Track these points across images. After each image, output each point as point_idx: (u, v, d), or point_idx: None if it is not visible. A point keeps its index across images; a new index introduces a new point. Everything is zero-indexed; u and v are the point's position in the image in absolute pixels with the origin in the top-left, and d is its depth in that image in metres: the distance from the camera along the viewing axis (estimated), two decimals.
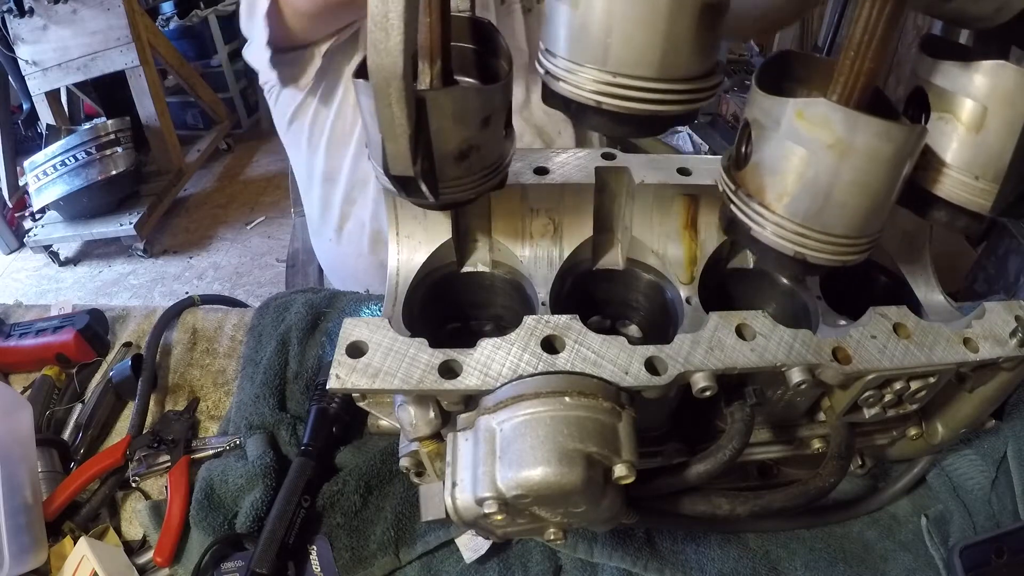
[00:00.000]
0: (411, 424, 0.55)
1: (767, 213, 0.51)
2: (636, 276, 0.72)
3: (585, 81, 0.46)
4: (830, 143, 0.46)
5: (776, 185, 0.50)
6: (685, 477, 0.57)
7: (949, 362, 0.56)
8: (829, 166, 0.46)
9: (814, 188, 0.48)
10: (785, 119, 0.47)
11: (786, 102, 0.47)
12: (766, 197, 0.50)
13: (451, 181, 0.51)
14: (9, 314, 1.08)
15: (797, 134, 0.47)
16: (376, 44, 0.40)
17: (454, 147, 0.50)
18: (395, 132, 0.44)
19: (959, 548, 0.69)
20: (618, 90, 0.46)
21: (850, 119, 0.45)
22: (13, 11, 3.08)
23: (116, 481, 0.83)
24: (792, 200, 0.49)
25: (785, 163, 0.48)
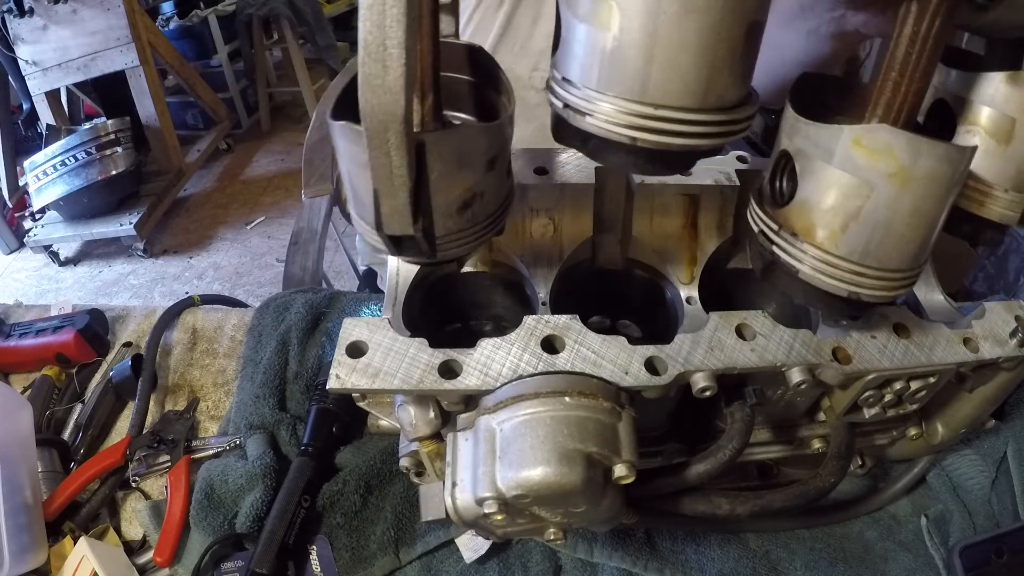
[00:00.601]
0: (411, 424, 0.55)
1: (817, 253, 0.47)
2: (636, 276, 0.72)
3: (618, 115, 0.40)
4: (892, 172, 0.42)
5: (828, 222, 0.46)
6: (685, 477, 0.57)
7: (949, 362, 0.56)
8: (890, 196, 0.43)
9: (872, 221, 0.44)
10: (839, 148, 0.43)
11: (840, 130, 0.43)
12: (816, 236, 0.46)
13: (451, 235, 0.46)
14: (9, 314, 1.08)
15: (854, 164, 0.43)
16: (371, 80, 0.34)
17: (456, 196, 0.44)
18: (393, 185, 0.38)
19: (959, 548, 0.69)
20: (658, 124, 0.40)
21: (913, 144, 0.42)
22: (13, 11, 3.09)
23: (116, 481, 0.83)
24: (847, 237, 0.45)
25: (839, 197, 0.45)
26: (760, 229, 0.51)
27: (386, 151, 0.37)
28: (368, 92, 0.34)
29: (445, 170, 0.41)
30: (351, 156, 0.41)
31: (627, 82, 0.40)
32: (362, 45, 0.34)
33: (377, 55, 0.33)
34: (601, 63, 0.40)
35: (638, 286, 0.72)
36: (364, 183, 0.40)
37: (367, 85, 0.34)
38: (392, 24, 0.33)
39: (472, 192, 0.45)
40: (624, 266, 0.72)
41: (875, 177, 0.43)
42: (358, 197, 0.44)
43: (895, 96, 0.43)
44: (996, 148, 0.49)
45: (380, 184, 0.39)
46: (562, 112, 0.43)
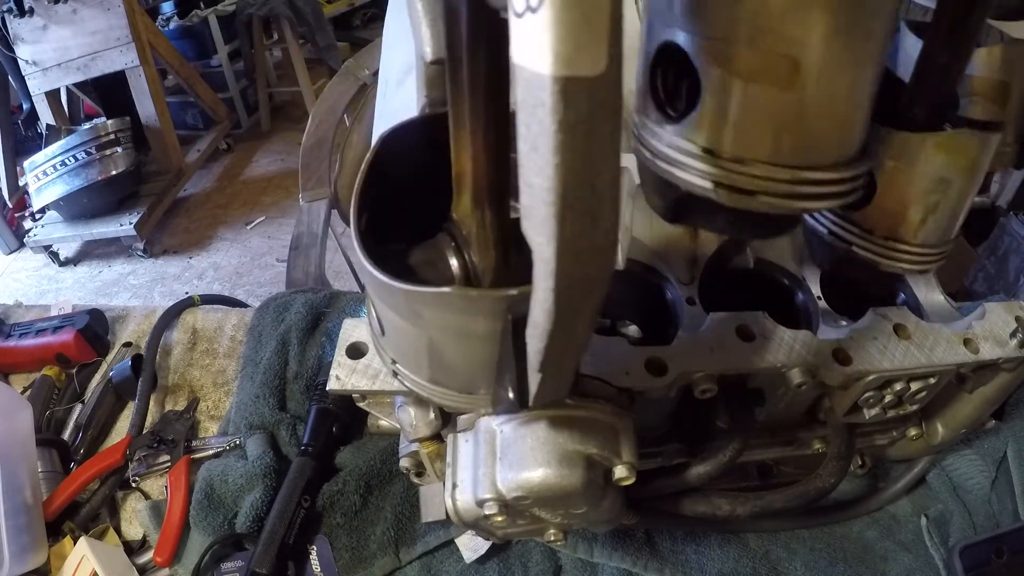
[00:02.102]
0: (411, 425, 0.55)
1: (900, 246, 0.52)
2: (636, 276, 0.72)
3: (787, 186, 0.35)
4: (967, 167, 0.47)
5: (911, 218, 0.50)
6: (685, 478, 0.57)
7: (949, 363, 0.56)
8: (963, 188, 0.48)
9: (947, 211, 0.50)
10: (923, 153, 0.48)
11: (924, 138, 0.47)
12: (898, 232, 0.51)
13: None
14: (9, 314, 1.08)
15: (935, 165, 0.48)
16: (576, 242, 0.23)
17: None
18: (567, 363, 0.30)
19: (959, 548, 0.69)
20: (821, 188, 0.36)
21: (985, 141, 0.47)
22: (13, 11, 3.08)
23: (116, 481, 0.83)
24: (926, 228, 0.51)
25: (923, 195, 0.49)
26: (830, 230, 0.55)
27: (573, 328, 0.26)
28: (571, 261, 0.23)
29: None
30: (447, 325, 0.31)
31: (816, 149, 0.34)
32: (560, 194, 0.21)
33: (584, 205, 0.22)
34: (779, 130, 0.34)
35: (638, 286, 0.72)
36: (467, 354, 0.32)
37: (569, 251, 0.23)
38: (604, 152, 0.21)
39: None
40: (624, 266, 0.72)
41: (952, 174, 0.48)
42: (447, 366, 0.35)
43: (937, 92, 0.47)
44: (996, 111, 0.53)
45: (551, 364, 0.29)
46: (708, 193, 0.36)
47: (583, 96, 0.20)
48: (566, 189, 0.21)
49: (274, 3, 3.82)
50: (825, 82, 0.32)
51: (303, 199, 1.53)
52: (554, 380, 0.30)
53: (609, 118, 0.21)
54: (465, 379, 0.35)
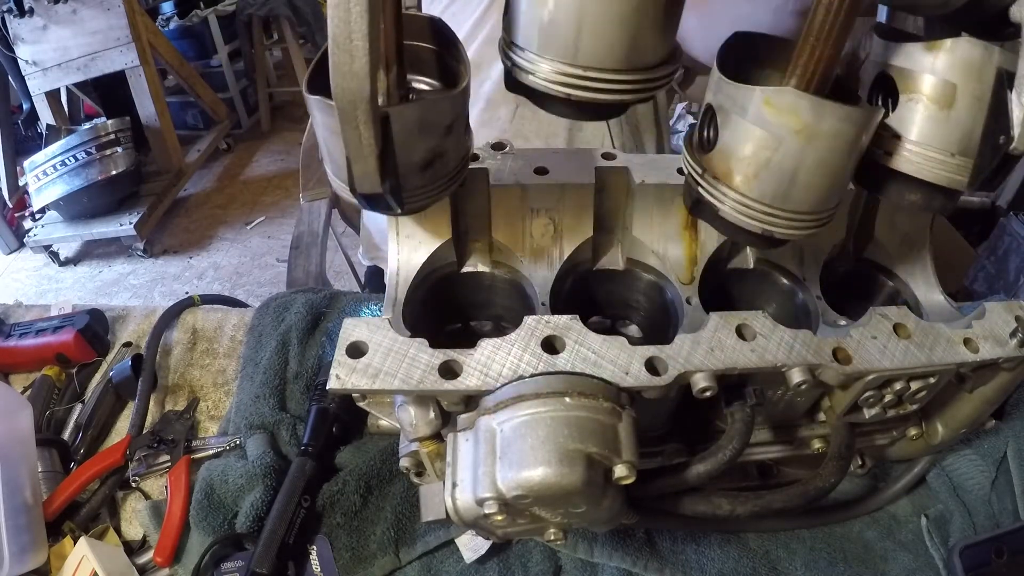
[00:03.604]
0: (411, 424, 0.55)
1: (734, 195, 0.52)
2: (636, 276, 0.72)
3: (554, 75, 0.47)
4: (797, 129, 0.47)
5: (743, 169, 0.51)
6: (685, 477, 0.57)
7: (949, 362, 0.56)
8: (795, 150, 0.48)
9: (780, 171, 0.50)
10: (752, 106, 0.48)
11: (753, 90, 0.48)
12: (733, 180, 0.52)
13: (416, 190, 0.52)
14: (9, 314, 1.08)
15: (764, 120, 0.48)
16: (340, 67, 0.39)
17: (419, 158, 0.50)
18: (363, 153, 0.44)
19: (959, 548, 0.69)
20: (587, 83, 0.47)
21: (816, 106, 0.47)
22: (13, 11, 3.09)
23: (116, 481, 0.83)
24: (759, 183, 0.51)
25: (752, 148, 0.50)
26: (689, 172, 0.57)
27: (355, 125, 0.42)
28: (338, 77, 0.39)
29: (407, 137, 0.47)
30: (326, 125, 0.47)
31: (560, 47, 0.47)
32: (331, 38, 0.39)
33: (344, 46, 0.39)
34: (540, 31, 0.47)
35: (638, 286, 0.72)
36: (338, 149, 0.45)
37: (337, 72, 0.39)
38: (356, 19, 0.38)
39: (433, 153, 0.51)
40: (624, 266, 0.72)
41: (783, 132, 0.48)
42: (333, 160, 0.50)
43: (810, 61, 0.47)
44: (939, 113, 0.51)
45: (351, 152, 0.44)
46: (511, 70, 0.51)
47: None
48: (333, 38, 0.38)
49: (274, 3, 3.82)
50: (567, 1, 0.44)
51: (303, 199, 1.54)
52: (359, 164, 0.44)
53: (359, 2, 0.37)
54: (343, 170, 0.47)
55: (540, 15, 0.46)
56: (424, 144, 0.49)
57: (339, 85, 0.40)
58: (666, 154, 0.84)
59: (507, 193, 0.66)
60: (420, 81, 0.58)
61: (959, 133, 0.51)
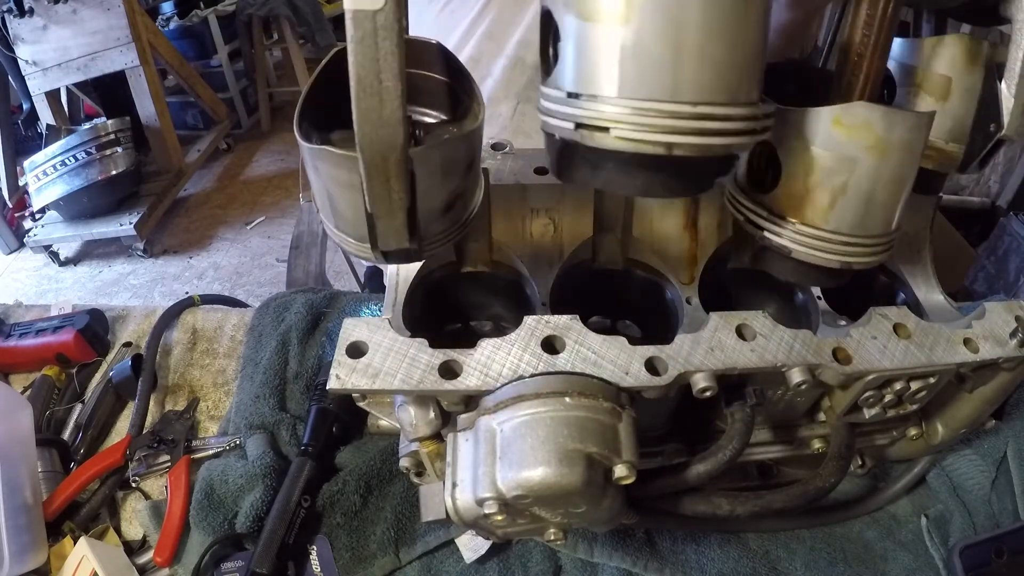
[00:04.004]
0: (411, 424, 0.55)
1: (810, 231, 0.49)
2: (636, 276, 0.72)
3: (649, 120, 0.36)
4: (870, 144, 0.45)
5: (816, 200, 0.48)
6: (685, 477, 0.57)
7: (949, 362, 0.56)
8: (871, 168, 0.46)
9: (857, 194, 0.47)
10: (820, 129, 0.46)
11: (819, 111, 0.46)
12: (806, 216, 0.49)
13: (436, 236, 0.47)
14: (9, 314, 1.08)
15: (835, 142, 0.46)
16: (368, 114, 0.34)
17: (441, 202, 0.45)
18: (392, 209, 0.39)
19: (959, 548, 0.69)
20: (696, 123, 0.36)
21: (888, 117, 0.44)
22: (13, 11, 3.09)
23: (116, 481, 0.83)
24: (836, 212, 0.48)
25: (824, 175, 0.47)
26: (746, 217, 0.53)
27: (385, 179, 0.37)
28: (366, 126, 0.35)
29: (432, 182, 0.42)
30: (334, 178, 0.41)
31: (656, 80, 0.35)
32: (355, 80, 0.33)
33: (372, 89, 0.33)
34: (621, 64, 0.35)
35: (638, 286, 0.72)
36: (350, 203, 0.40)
37: (364, 119, 0.34)
38: (386, 57, 0.33)
39: (454, 195, 0.46)
40: (624, 266, 0.72)
41: (856, 151, 0.45)
42: (340, 214, 0.45)
43: (857, 75, 0.46)
44: (936, 105, 0.53)
45: (378, 208, 0.39)
46: (572, 135, 0.38)
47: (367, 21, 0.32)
48: (359, 80, 0.33)
49: (274, 3, 3.82)
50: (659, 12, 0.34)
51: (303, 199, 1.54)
52: (386, 222, 0.40)
53: (388, 36, 0.33)
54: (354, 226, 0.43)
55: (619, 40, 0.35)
56: (446, 187, 0.45)
57: (367, 135, 0.35)
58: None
59: (507, 193, 0.66)
60: (423, 114, 0.53)
61: (952, 122, 0.52)
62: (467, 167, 0.46)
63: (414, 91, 0.48)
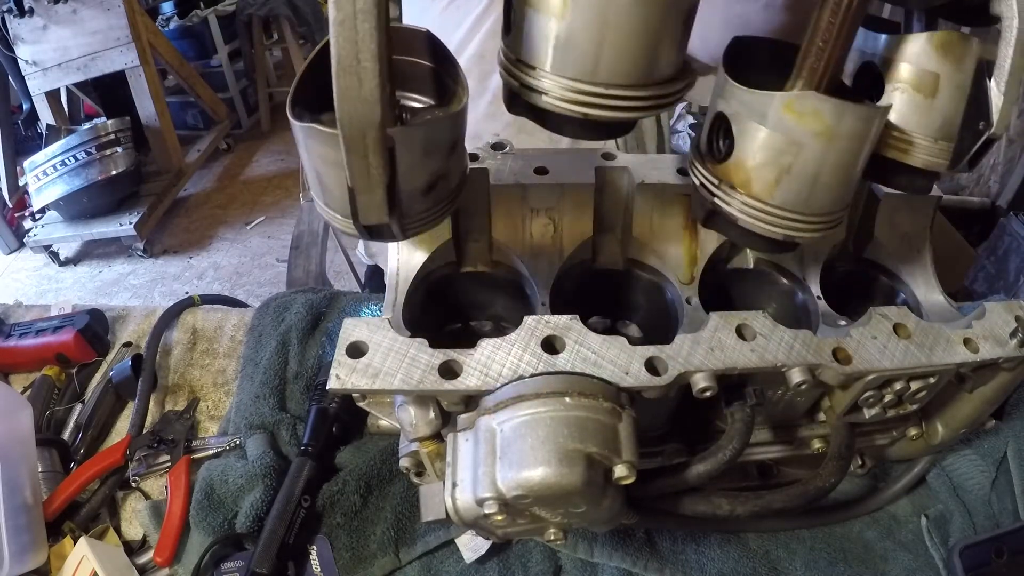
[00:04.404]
0: (411, 424, 0.55)
1: (755, 203, 0.52)
2: (636, 276, 0.72)
3: (570, 94, 0.45)
4: (818, 132, 0.47)
5: (763, 176, 0.51)
6: (685, 477, 0.57)
7: (949, 362, 0.56)
8: (817, 153, 0.48)
9: (802, 175, 0.50)
10: (772, 112, 0.48)
11: (772, 96, 0.48)
12: (752, 188, 0.52)
13: (418, 215, 0.49)
14: (9, 314, 1.08)
15: (785, 126, 0.48)
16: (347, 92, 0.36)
17: (423, 182, 0.47)
18: (371, 184, 0.41)
19: (959, 548, 0.69)
20: (607, 100, 0.45)
21: (838, 108, 0.47)
22: (13, 11, 3.09)
23: (116, 481, 0.83)
24: (780, 189, 0.51)
25: (772, 154, 0.50)
26: (701, 182, 0.56)
27: (363, 154, 0.39)
28: (345, 103, 0.36)
29: (412, 161, 0.44)
30: (320, 155, 0.44)
31: (579, 65, 0.44)
32: (335, 59, 0.35)
33: (351, 69, 0.35)
34: (555, 48, 0.44)
35: (638, 286, 0.72)
36: (335, 179, 0.43)
37: (344, 97, 0.36)
38: (364, 39, 0.35)
39: (436, 176, 0.48)
40: (624, 266, 0.72)
41: (804, 137, 0.48)
42: (328, 191, 0.47)
43: (819, 61, 0.48)
44: (923, 102, 0.53)
45: (357, 183, 0.41)
46: (518, 90, 0.48)
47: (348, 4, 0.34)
48: (339, 60, 0.35)
49: (274, 3, 3.83)
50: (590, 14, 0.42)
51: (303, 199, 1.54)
52: (365, 196, 0.42)
53: (367, 19, 0.34)
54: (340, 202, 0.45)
55: (556, 31, 0.43)
56: (428, 167, 0.47)
57: (346, 112, 0.37)
58: (666, 154, 0.84)
59: (507, 193, 0.66)
60: (411, 99, 0.55)
61: (941, 120, 0.53)
62: (450, 148, 0.48)
63: (402, 77, 0.51)
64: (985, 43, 0.50)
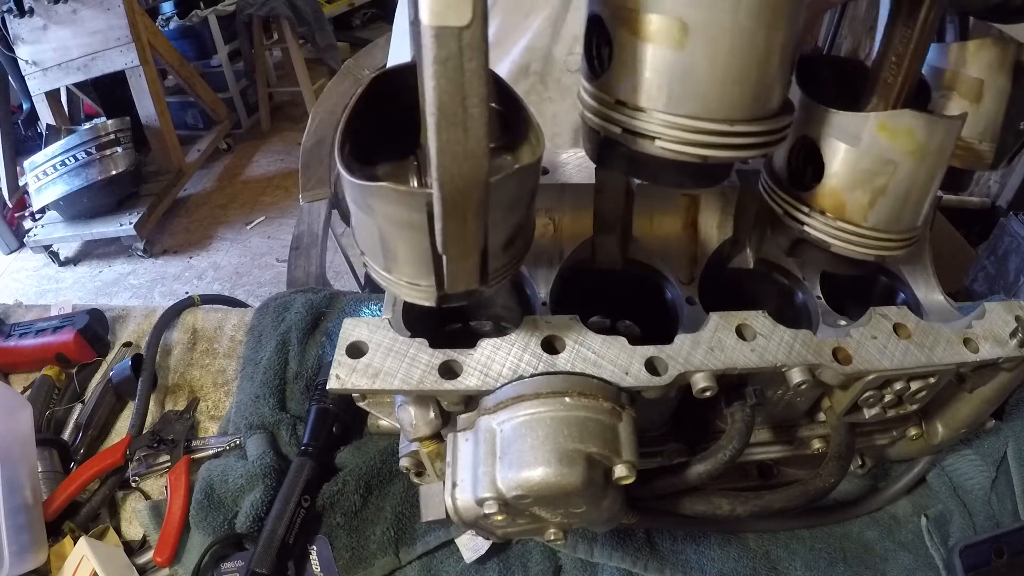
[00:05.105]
0: (411, 424, 0.55)
1: (849, 227, 0.52)
2: (636, 276, 0.72)
3: (689, 135, 0.40)
4: (912, 149, 0.47)
5: (857, 199, 0.50)
6: (685, 477, 0.57)
7: (949, 362, 0.56)
8: (910, 171, 0.48)
9: (896, 195, 0.50)
10: (866, 133, 0.48)
11: (866, 117, 0.48)
12: (846, 213, 0.51)
13: (496, 273, 0.44)
14: (9, 314, 1.08)
15: (879, 145, 0.48)
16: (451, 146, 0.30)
17: (504, 236, 0.42)
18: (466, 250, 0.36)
19: (959, 548, 0.69)
20: (728, 139, 0.41)
21: (931, 124, 0.47)
22: (13, 11, 3.08)
23: (116, 481, 0.83)
24: (875, 211, 0.51)
25: (867, 176, 0.49)
26: (785, 210, 0.55)
27: (463, 218, 0.33)
28: (448, 161, 0.31)
29: (499, 216, 0.39)
30: (389, 216, 0.38)
31: (700, 101, 0.39)
32: (437, 108, 0.29)
33: (456, 118, 0.29)
34: (671, 84, 0.39)
35: (638, 286, 0.72)
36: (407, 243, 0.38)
37: (445, 152, 0.31)
38: (472, 81, 0.29)
39: (517, 228, 0.44)
40: (624, 266, 0.72)
41: (898, 156, 0.48)
42: (394, 255, 0.41)
43: (895, 77, 0.48)
44: (970, 107, 0.55)
45: (451, 249, 0.36)
46: (619, 137, 0.42)
47: (452, 40, 0.28)
48: (441, 106, 0.29)
49: (274, 3, 3.82)
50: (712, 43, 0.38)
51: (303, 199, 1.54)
52: (459, 263, 0.37)
53: (475, 56, 0.29)
54: (408, 267, 0.41)
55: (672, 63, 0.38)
56: (511, 221, 0.42)
57: (448, 169, 0.31)
58: None
59: None
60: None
61: (985, 123, 0.54)
62: (530, 198, 0.44)
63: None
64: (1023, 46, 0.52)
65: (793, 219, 0.55)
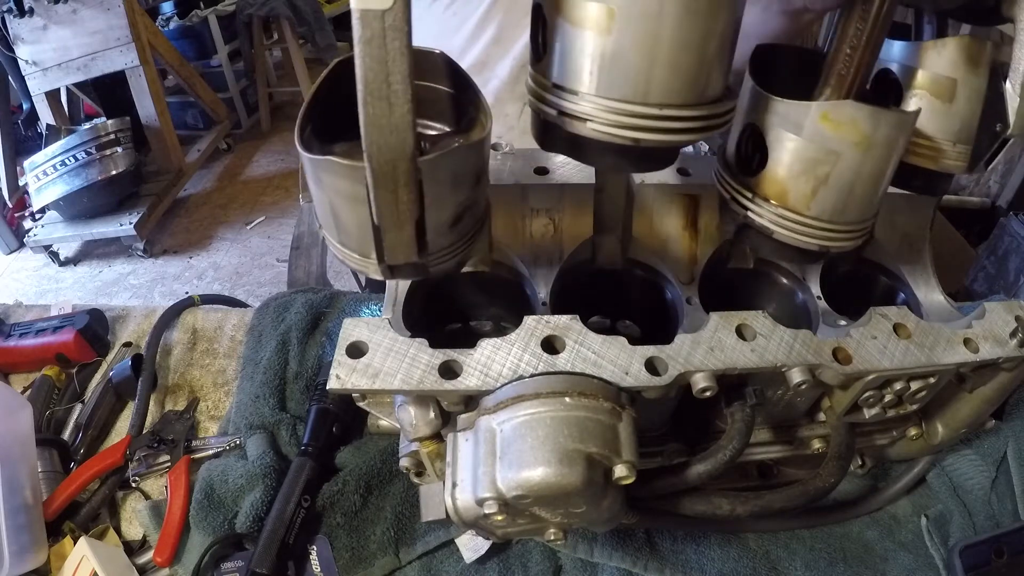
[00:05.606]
0: (411, 424, 0.55)
1: (791, 215, 0.51)
2: (636, 276, 0.72)
3: (621, 118, 0.41)
4: (856, 141, 0.47)
5: (799, 188, 0.50)
6: (685, 477, 0.57)
7: (949, 362, 0.56)
8: (854, 163, 0.48)
9: (839, 185, 0.49)
10: (808, 122, 0.47)
11: (808, 106, 0.47)
12: (788, 200, 0.51)
13: (444, 250, 0.46)
14: (9, 314, 1.08)
15: (822, 135, 0.47)
16: (376, 119, 0.32)
17: (449, 214, 0.44)
18: (399, 220, 0.37)
19: (959, 548, 0.69)
20: (662, 123, 0.41)
21: (875, 116, 0.46)
22: (13, 11, 3.09)
23: (116, 481, 0.83)
24: (817, 200, 0.50)
25: (809, 165, 0.49)
26: (732, 196, 0.55)
27: (393, 188, 0.36)
28: (374, 132, 0.33)
29: (440, 192, 0.41)
30: (337, 190, 0.40)
31: (629, 85, 0.40)
32: (363, 84, 0.32)
33: (381, 93, 0.32)
34: (601, 68, 0.40)
35: (638, 286, 0.72)
36: (354, 216, 0.39)
37: (372, 125, 0.33)
38: (395, 59, 0.31)
39: (463, 207, 0.45)
40: (624, 266, 0.72)
41: (841, 146, 0.47)
42: (344, 228, 0.44)
43: (848, 68, 0.47)
44: (942, 107, 0.54)
45: (385, 219, 0.38)
46: (555, 120, 0.43)
47: (376, 21, 0.31)
48: (367, 83, 0.32)
49: (274, 3, 3.82)
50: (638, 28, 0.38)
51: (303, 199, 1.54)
52: (394, 234, 0.38)
53: (398, 37, 0.31)
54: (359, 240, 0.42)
55: (601, 48, 0.39)
56: (455, 198, 0.43)
57: (375, 142, 0.33)
58: None
59: (507, 193, 0.66)
60: (427, 126, 0.52)
61: (959, 124, 0.53)
62: (475, 178, 0.45)
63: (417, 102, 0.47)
64: (999, 46, 0.51)
65: (739, 204, 0.54)
